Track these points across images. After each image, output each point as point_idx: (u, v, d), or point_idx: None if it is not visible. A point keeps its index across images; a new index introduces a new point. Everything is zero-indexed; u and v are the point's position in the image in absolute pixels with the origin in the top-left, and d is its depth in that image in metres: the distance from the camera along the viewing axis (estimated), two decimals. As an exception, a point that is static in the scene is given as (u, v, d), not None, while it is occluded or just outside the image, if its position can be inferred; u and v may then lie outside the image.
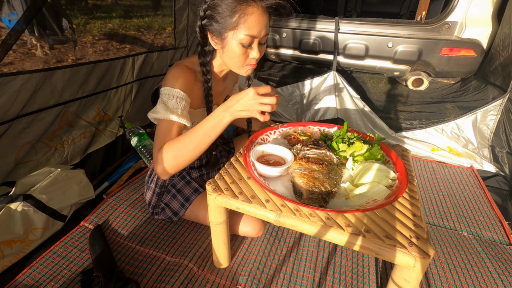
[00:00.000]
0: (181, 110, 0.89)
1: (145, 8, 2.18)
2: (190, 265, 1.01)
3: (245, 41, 0.83)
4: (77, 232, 1.15)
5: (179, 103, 0.88)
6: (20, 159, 1.24)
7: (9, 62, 1.77)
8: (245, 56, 0.87)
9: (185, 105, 0.90)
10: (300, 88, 2.17)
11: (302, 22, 2.42)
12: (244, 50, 0.85)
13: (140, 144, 1.59)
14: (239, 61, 0.88)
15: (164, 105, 0.87)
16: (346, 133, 0.99)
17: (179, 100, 0.88)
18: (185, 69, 0.91)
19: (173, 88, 0.88)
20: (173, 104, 0.88)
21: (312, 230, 0.70)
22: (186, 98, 0.91)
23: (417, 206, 0.75)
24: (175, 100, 0.88)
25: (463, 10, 1.96)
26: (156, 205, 1.16)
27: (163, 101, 0.88)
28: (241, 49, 0.84)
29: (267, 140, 1.02)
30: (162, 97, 0.89)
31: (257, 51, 0.87)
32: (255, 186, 0.81)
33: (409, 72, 2.30)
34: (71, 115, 1.44)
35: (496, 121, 1.68)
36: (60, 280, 0.95)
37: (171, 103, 0.88)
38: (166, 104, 0.88)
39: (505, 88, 1.65)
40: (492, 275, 1.01)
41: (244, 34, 0.82)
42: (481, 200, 1.41)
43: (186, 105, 0.91)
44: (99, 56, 1.82)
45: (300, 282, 0.97)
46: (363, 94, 2.33)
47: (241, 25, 0.81)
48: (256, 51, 0.87)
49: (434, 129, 1.80)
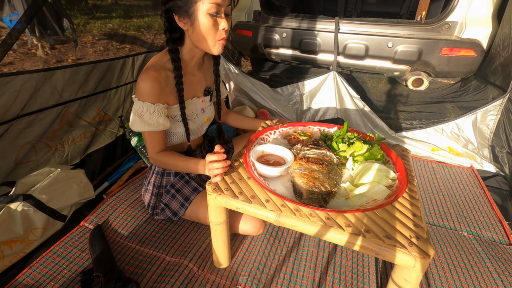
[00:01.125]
0: (157, 119, 0.94)
1: (145, 8, 2.18)
2: (190, 265, 1.01)
3: (213, 10, 0.85)
4: (77, 232, 1.15)
5: (152, 114, 0.93)
6: (20, 159, 1.24)
7: (9, 62, 1.77)
8: (215, 29, 0.89)
9: (159, 112, 0.94)
10: (300, 88, 2.17)
11: (302, 22, 2.41)
12: (213, 21, 0.87)
13: (140, 144, 1.58)
14: (209, 35, 0.89)
15: (139, 118, 0.93)
16: (346, 133, 0.99)
17: (152, 111, 0.93)
18: (153, 76, 0.92)
19: (144, 102, 0.92)
20: (148, 117, 0.93)
21: (312, 230, 0.70)
22: (158, 107, 0.94)
23: (417, 206, 0.75)
24: (148, 113, 0.92)
25: (463, 10, 1.96)
26: (155, 205, 1.16)
27: (138, 114, 0.93)
28: (210, 19, 0.87)
29: (267, 140, 1.02)
30: (137, 109, 0.93)
31: (225, 21, 0.89)
32: (255, 186, 0.81)
33: (409, 72, 2.29)
34: (71, 115, 1.44)
35: (496, 121, 1.67)
36: (60, 280, 0.95)
37: (146, 116, 0.92)
38: (142, 117, 0.93)
39: (505, 88, 1.65)
40: (492, 275, 1.01)
41: (210, 3, 0.84)
42: (481, 200, 1.41)
43: (160, 112, 0.94)
44: (99, 56, 1.82)
45: (300, 282, 0.97)
46: (363, 94, 2.33)
47: None
48: (225, 21, 0.89)
49: (434, 129, 1.80)
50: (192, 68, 1.05)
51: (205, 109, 1.14)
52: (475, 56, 1.98)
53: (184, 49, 0.98)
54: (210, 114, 1.18)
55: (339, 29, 2.16)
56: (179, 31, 0.93)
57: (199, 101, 1.10)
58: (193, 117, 1.09)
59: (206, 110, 1.15)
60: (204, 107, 1.13)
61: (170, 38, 0.92)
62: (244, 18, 2.65)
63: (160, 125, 0.95)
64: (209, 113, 1.17)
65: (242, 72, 2.24)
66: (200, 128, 1.15)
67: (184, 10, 0.86)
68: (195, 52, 1.00)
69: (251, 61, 3.23)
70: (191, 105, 1.07)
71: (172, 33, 0.92)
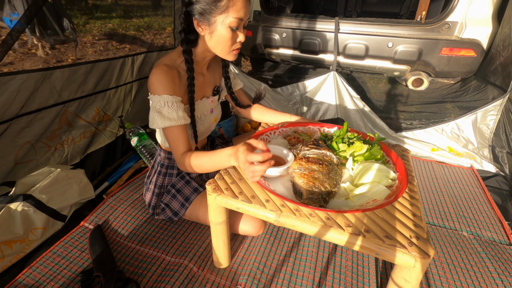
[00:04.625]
0: (177, 112, 0.91)
1: (145, 8, 2.18)
2: (190, 265, 1.01)
3: (234, 24, 0.85)
4: (77, 232, 1.15)
5: (171, 107, 0.90)
6: (19, 159, 1.24)
7: (9, 62, 1.77)
8: (233, 41, 0.90)
9: (178, 105, 0.92)
10: (300, 88, 2.17)
11: (302, 22, 2.42)
12: (232, 33, 0.88)
13: (140, 144, 1.58)
14: (227, 45, 0.90)
15: (159, 114, 0.90)
16: (346, 133, 0.99)
17: (171, 104, 0.90)
18: (167, 70, 0.91)
19: (161, 96, 0.90)
20: (167, 111, 0.90)
21: (312, 230, 0.70)
22: (176, 99, 0.92)
23: (417, 206, 0.75)
24: (167, 107, 0.90)
25: (463, 10, 1.97)
26: (156, 205, 1.16)
27: (156, 110, 0.90)
28: (230, 32, 0.87)
29: (267, 140, 1.02)
30: (155, 105, 0.91)
31: (243, 34, 0.90)
32: (255, 186, 0.81)
33: (409, 72, 2.30)
34: (71, 114, 1.44)
35: (496, 121, 1.68)
36: (60, 280, 0.95)
37: (165, 110, 0.90)
38: (161, 112, 0.90)
39: (505, 88, 1.65)
40: (492, 275, 1.01)
41: (233, 17, 0.84)
42: (481, 200, 1.41)
43: (179, 104, 0.92)
44: (98, 56, 1.82)
45: (300, 282, 0.97)
46: (363, 94, 2.33)
47: (230, 8, 0.83)
48: (242, 35, 0.90)
49: (434, 129, 1.80)
50: (202, 68, 1.05)
51: (214, 109, 1.14)
52: (475, 56, 1.98)
53: (197, 51, 0.97)
54: (217, 115, 1.18)
55: (339, 29, 2.16)
56: (195, 33, 0.92)
57: (208, 101, 1.09)
58: (202, 118, 1.08)
59: (215, 111, 1.15)
60: (213, 107, 1.13)
61: (185, 39, 0.92)
62: (244, 18, 2.65)
63: (180, 118, 0.91)
64: (216, 113, 1.17)
65: (242, 72, 2.24)
66: (207, 130, 1.15)
67: (205, 18, 0.85)
68: (207, 55, 1.00)
69: (251, 61, 3.24)
70: (200, 105, 1.06)
71: (188, 34, 0.91)
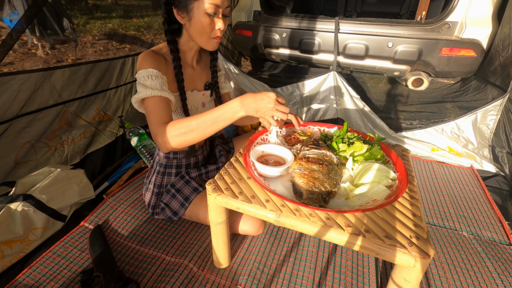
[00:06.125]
0: (160, 85, 0.91)
1: (145, 8, 2.18)
2: (190, 265, 1.01)
3: (211, 10, 0.87)
4: (77, 232, 1.15)
5: (156, 80, 0.91)
6: (19, 159, 1.24)
7: (9, 62, 1.77)
8: (211, 27, 0.91)
9: (162, 81, 0.93)
10: (300, 88, 2.17)
11: (302, 22, 2.41)
12: (210, 20, 0.89)
13: (140, 144, 1.58)
14: (205, 32, 0.92)
15: (142, 86, 0.91)
16: (346, 133, 0.99)
17: (155, 78, 0.91)
18: (152, 53, 0.94)
19: (145, 69, 0.91)
20: (151, 83, 0.91)
21: (312, 230, 0.70)
22: (161, 76, 0.93)
23: (417, 206, 0.75)
24: (151, 79, 0.91)
25: (463, 10, 1.96)
26: (156, 205, 1.16)
27: (140, 83, 0.91)
28: (207, 18, 0.89)
29: (267, 140, 1.02)
30: (139, 80, 0.92)
31: (222, 22, 0.91)
32: (255, 186, 0.81)
33: (409, 72, 2.30)
34: (71, 114, 1.44)
35: (496, 121, 1.67)
36: (60, 280, 0.95)
37: (148, 82, 0.91)
38: (144, 84, 0.91)
39: (505, 88, 1.65)
40: (492, 275, 1.01)
41: (208, 3, 0.86)
42: (481, 200, 1.41)
43: (163, 81, 0.93)
44: (98, 56, 1.82)
45: (300, 282, 0.97)
46: (363, 94, 2.33)
47: None
48: (221, 22, 0.91)
49: (434, 129, 1.80)
50: (191, 60, 1.07)
51: (206, 103, 1.15)
52: (475, 56, 1.98)
53: (182, 40, 1.00)
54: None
55: (339, 29, 2.16)
56: (177, 23, 0.95)
57: (199, 95, 1.11)
58: (193, 111, 1.09)
59: (207, 105, 1.16)
60: (204, 101, 1.14)
61: (168, 29, 0.95)
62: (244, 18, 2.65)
63: (165, 91, 0.91)
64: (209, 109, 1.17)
65: (242, 72, 2.24)
66: None
67: (183, 5, 0.88)
68: (192, 44, 1.02)
69: (251, 61, 3.23)
70: (191, 97, 1.08)
71: (170, 24, 0.95)
